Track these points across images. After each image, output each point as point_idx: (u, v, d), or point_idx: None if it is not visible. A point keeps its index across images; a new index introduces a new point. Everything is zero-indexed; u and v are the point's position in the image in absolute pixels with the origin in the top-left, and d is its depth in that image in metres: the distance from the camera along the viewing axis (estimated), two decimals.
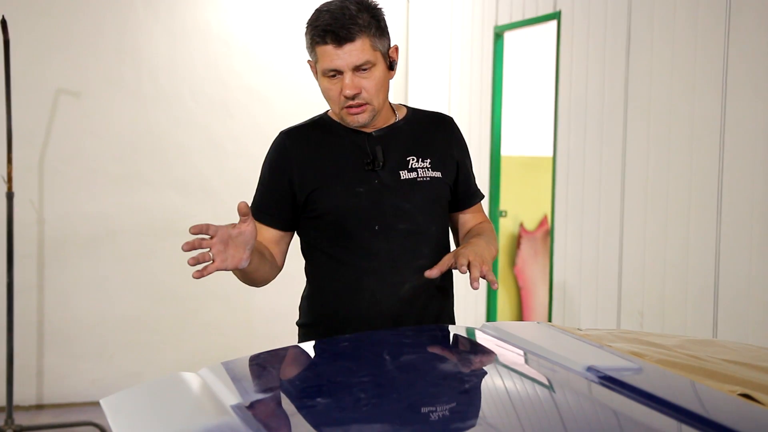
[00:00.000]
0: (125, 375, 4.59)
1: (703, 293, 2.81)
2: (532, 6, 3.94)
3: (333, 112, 2.00)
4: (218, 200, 4.80)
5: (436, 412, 1.21)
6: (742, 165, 2.67)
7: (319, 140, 2.02)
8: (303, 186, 1.98)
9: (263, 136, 4.89)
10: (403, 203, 1.97)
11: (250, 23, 4.80)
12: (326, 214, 1.97)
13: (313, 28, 1.90)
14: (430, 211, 2.01)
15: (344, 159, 1.99)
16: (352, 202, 1.95)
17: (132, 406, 1.30)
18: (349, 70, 1.89)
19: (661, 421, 1.18)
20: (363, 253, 1.96)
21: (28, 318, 4.45)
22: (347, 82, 1.89)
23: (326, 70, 1.89)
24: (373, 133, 2.01)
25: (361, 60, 1.89)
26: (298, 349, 1.60)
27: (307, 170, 1.98)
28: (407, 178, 1.99)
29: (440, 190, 2.03)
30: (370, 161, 1.97)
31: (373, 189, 1.96)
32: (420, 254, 1.99)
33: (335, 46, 1.87)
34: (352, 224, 1.96)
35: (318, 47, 1.89)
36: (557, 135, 3.71)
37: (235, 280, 1.84)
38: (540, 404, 1.30)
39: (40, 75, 4.43)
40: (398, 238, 1.97)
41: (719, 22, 2.74)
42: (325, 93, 1.95)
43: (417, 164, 2.00)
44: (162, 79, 4.66)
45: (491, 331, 1.67)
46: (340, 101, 1.92)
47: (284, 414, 1.24)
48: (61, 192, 4.50)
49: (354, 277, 1.97)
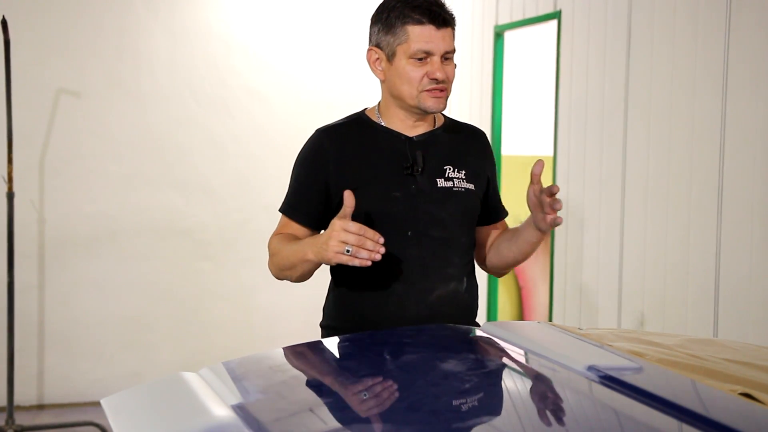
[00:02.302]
0: (126, 375, 4.59)
1: (704, 293, 2.81)
2: (532, 6, 3.94)
3: (406, 98, 1.93)
4: (218, 200, 4.80)
5: (437, 412, 1.21)
6: (742, 165, 2.67)
7: (358, 139, 1.99)
8: (339, 185, 1.94)
9: (263, 136, 4.91)
10: (438, 211, 1.96)
11: (250, 23, 4.79)
12: (360, 215, 1.92)
13: (410, 8, 1.87)
14: (463, 221, 2.01)
15: (383, 161, 1.96)
16: (388, 206, 1.94)
17: (133, 406, 1.30)
18: (439, 54, 1.88)
19: (661, 420, 1.18)
20: (394, 258, 1.94)
21: (29, 318, 4.45)
22: (437, 66, 1.88)
23: (419, 50, 1.87)
24: (415, 137, 1.99)
25: (451, 47, 1.90)
26: (299, 348, 1.60)
27: (344, 169, 1.95)
28: (444, 186, 1.98)
29: (473, 202, 2.02)
30: (409, 166, 1.95)
31: (410, 194, 1.95)
32: (450, 263, 1.98)
33: (435, 27, 1.86)
34: (386, 228, 1.91)
35: (411, 26, 1.87)
36: (557, 135, 3.71)
37: (235, 280, 1.83)
38: (540, 404, 1.30)
39: (40, 75, 4.43)
40: (430, 245, 1.96)
41: (719, 22, 2.74)
42: (405, 75, 1.91)
43: (453, 174, 1.99)
44: (162, 78, 4.66)
45: (491, 331, 1.67)
46: (422, 83, 1.90)
47: (285, 414, 1.24)
48: (62, 192, 4.50)
49: (382, 282, 1.95)
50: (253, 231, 4.86)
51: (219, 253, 4.80)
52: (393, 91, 1.96)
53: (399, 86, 1.93)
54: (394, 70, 1.92)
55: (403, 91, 1.93)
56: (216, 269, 4.80)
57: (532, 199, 1.88)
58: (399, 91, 1.94)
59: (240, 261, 4.83)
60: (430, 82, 1.89)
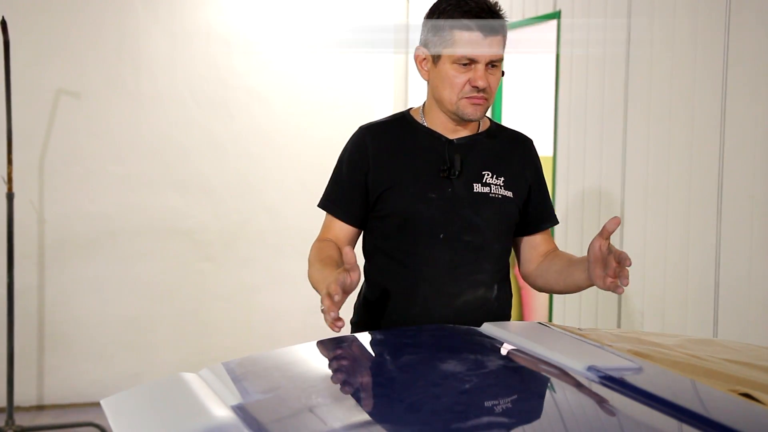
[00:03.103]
0: (125, 375, 4.59)
1: (703, 293, 2.81)
2: (532, 6, 3.94)
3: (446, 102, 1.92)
4: (218, 200, 4.80)
5: (436, 413, 1.21)
6: (742, 165, 2.67)
7: (398, 139, 1.98)
8: (377, 183, 1.94)
9: (263, 136, 4.91)
10: (472, 216, 1.94)
11: (250, 23, 4.79)
12: (394, 215, 1.94)
13: (460, 12, 1.86)
14: (498, 228, 1.98)
15: (421, 162, 1.95)
16: (422, 208, 1.92)
17: (133, 407, 1.30)
18: (484, 62, 1.87)
19: (661, 420, 1.18)
20: (423, 259, 1.93)
21: (29, 318, 4.45)
22: (480, 74, 1.87)
23: (462, 57, 1.86)
24: (455, 140, 1.97)
25: (498, 55, 1.89)
26: (299, 349, 1.60)
27: (383, 168, 1.95)
28: (480, 191, 1.95)
29: (510, 210, 1.99)
30: (446, 168, 1.93)
31: (445, 197, 1.93)
32: (480, 269, 1.96)
33: (482, 35, 1.85)
34: (418, 229, 1.92)
35: (459, 31, 1.86)
36: (557, 135, 3.71)
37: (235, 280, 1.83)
38: (540, 404, 1.30)
39: (40, 76, 4.43)
40: (461, 249, 1.94)
41: (719, 22, 2.74)
42: (447, 80, 1.90)
43: (491, 180, 1.97)
44: (162, 79, 4.66)
45: (491, 331, 1.67)
46: (463, 90, 1.89)
47: (285, 414, 1.24)
48: (62, 192, 4.50)
49: (410, 282, 1.94)
50: (253, 231, 4.86)
51: (219, 254, 4.80)
52: (435, 93, 1.95)
53: (441, 90, 1.92)
54: (438, 72, 1.91)
55: (444, 95, 1.92)
56: (216, 269, 4.80)
57: (596, 253, 1.77)
58: (440, 94, 1.93)
59: (240, 261, 4.83)
60: (471, 89, 1.88)
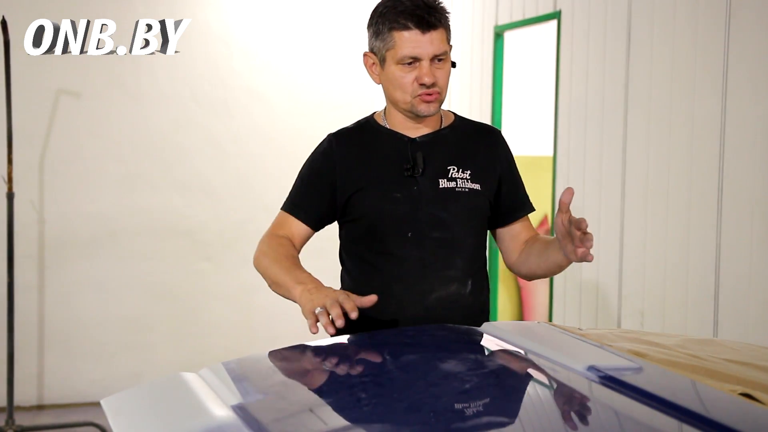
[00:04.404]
0: (126, 375, 4.59)
1: (703, 293, 2.81)
2: (532, 6, 3.94)
3: (399, 102, 1.94)
4: (218, 200, 4.80)
5: (436, 413, 1.21)
6: (742, 165, 2.67)
7: (364, 144, 2.01)
8: (344, 188, 1.98)
9: (263, 136, 4.91)
10: (440, 212, 1.95)
11: (250, 23, 4.79)
12: (362, 217, 1.97)
13: (395, 13, 1.87)
14: (467, 222, 1.99)
15: (385, 163, 1.97)
16: (388, 207, 1.95)
17: (133, 407, 1.30)
18: (427, 58, 1.87)
19: (661, 420, 1.18)
20: (393, 259, 1.95)
21: (29, 318, 4.45)
22: (426, 71, 1.87)
23: (405, 56, 1.87)
24: (417, 138, 1.99)
25: (441, 50, 1.89)
26: (299, 349, 1.60)
27: (349, 173, 1.98)
28: (446, 186, 1.97)
29: (478, 202, 2.00)
30: (409, 167, 1.95)
31: (411, 195, 1.95)
32: (451, 264, 1.97)
33: (420, 32, 1.86)
34: (386, 229, 1.95)
35: (398, 32, 1.87)
36: (557, 135, 3.71)
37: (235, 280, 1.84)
38: (541, 404, 1.30)
39: (40, 75, 4.43)
40: (431, 246, 1.95)
41: (719, 22, 2.74)
42: (395, 81, 1.91)
43: (457, 174, 1.98)
44: (162, 79, 4.66)
45: (491, 331, 1.67)
46: (412, 89, 1.90)
47: (285, 414, 1.24)
48: (62, 192, 4.50)
49: (383, 283, 1.96)
50: (253, 231, 4.84)
51: (219, 254, 4.80)
52: (388, 96, 1.98)
53: (392, 92, 1.95)
54: (386, 75, 1.94)
55: (396, 96, 1.94)
56: (216, 269, 4.80)
57: (561, 229, 1.80)
58: (393, 96, 1.96)
59: (240, 261, 4.83)
60: (420, 87, 1.89)
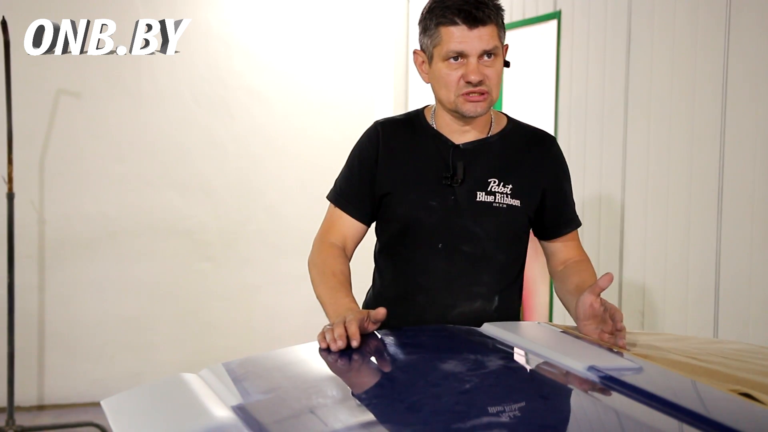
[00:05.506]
0: (126, 375, 4.59)
1: (704, 293, 2.81)
2: (532, 6, 3.94)
3: (445, 101, 1.87)
4: (218, 200, 4.80)
5: (436, 413, 1.21)
6: (742, 165, 2.67)
7: (408, 140, 1.93)
8: (381, 185, 1.92)
9: (263, 136, 4.91)
10: (472, 226, 1.88)
11: (250, 23, 4.79)
12: (395, 220, 1.90)
13: (442, 8, 1.81)
14: (501, 238, 1.90)
15: (426, 167, 1.90)
16: (422, 215, 1.88)
17: (133, 407, 1.30)
18: (475, 55, 1.80)
19: (661, 420, 1.18)
20: (420, 268, 1.90)
21: (29, 318, 4.45)
22: (472, 68, 1.80)
23: (451, 52, 1.80)
24: (461, 146, 1.91)
25: (490, 45, 1.81)
26: (299, 349, 1.60)
27: (389, 168, 1.91)
28: (483, 200, 1.88)
29: (516, 219, 1.91)
30: (449, 176, 1.88)
31: (447, 206, 1.88)
32: (478, 281, 1.90)
33: (468, 27, 1.79)
34: (418, 237, 1.88)
35: (444, 27, 1.80)
36: (557, 135, 3.71)
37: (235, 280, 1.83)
38: (541, 404, 1.30)
39: (40, 75, 4.43)
40: (459, 260, 1.89)
41: (719, 22, 2.74)
42: (441, 78, 1.84)
43: (497, 188, 1.89)
44: (162, 79, 4.66)
45: (491, 331, 1.67)
46: (458, 87, 1.82)
47: (285, 415, 1.24)
48: (62, 192, 4.50)
49: (408, 291, 1.92)
50: (253, 231, 4.86)
51: (219, 254, 4.80)
52: (435, 94, 1.90)
53: (438, 90, 1.87)
54: (433, 73, 1.86)
55: (441, 94, 1.87)
56: (216, 269, 4.80)
57: (586, 311, 1.65)
58: (439, 94, 1.88)
59: (240, 261, 4.83)
60: (466, 85, 1.81)
